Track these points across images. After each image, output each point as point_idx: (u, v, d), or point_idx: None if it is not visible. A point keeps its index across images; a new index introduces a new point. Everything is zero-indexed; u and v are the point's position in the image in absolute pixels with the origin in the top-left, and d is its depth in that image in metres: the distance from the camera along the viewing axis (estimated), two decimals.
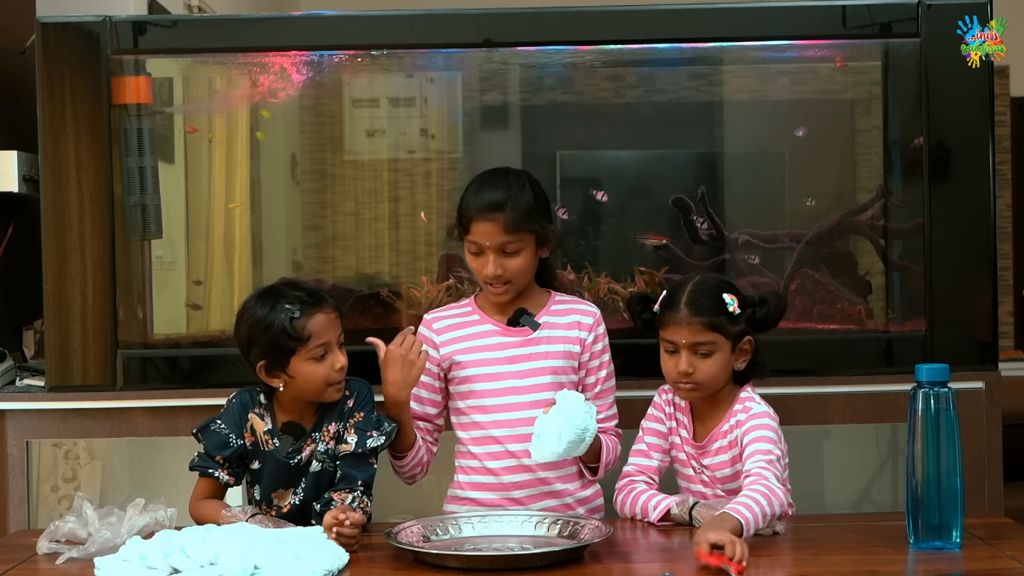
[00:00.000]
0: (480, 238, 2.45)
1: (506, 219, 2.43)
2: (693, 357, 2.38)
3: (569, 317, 2.55)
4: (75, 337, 2.95)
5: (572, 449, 2.32)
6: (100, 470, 3.23)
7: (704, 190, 3.17)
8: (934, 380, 2.14)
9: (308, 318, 2.40)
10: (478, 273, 2.50)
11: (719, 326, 2.38)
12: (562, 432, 2.29)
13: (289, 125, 3.65)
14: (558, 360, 2.51)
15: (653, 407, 2.53)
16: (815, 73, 3.36)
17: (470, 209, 2.46)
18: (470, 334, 2.55)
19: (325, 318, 2.42)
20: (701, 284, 2.43)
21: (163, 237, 3.16)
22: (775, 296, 2.46)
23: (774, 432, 2.36)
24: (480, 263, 2.48)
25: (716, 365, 2.39)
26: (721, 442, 2.41)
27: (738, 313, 2.40)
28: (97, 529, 2.21)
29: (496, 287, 2.49)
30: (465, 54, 3.23)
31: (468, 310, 2.58)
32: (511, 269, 2.46)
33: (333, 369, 2.42)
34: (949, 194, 2.93)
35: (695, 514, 2.29)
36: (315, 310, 2.42)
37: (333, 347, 2.43)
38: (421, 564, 2.08)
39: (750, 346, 2.43)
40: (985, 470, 2.88)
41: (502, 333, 2.53)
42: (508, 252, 2.45)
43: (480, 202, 2.45)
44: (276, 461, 2.45)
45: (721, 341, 2.39)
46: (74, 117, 2.95)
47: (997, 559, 2.07)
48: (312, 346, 2.40)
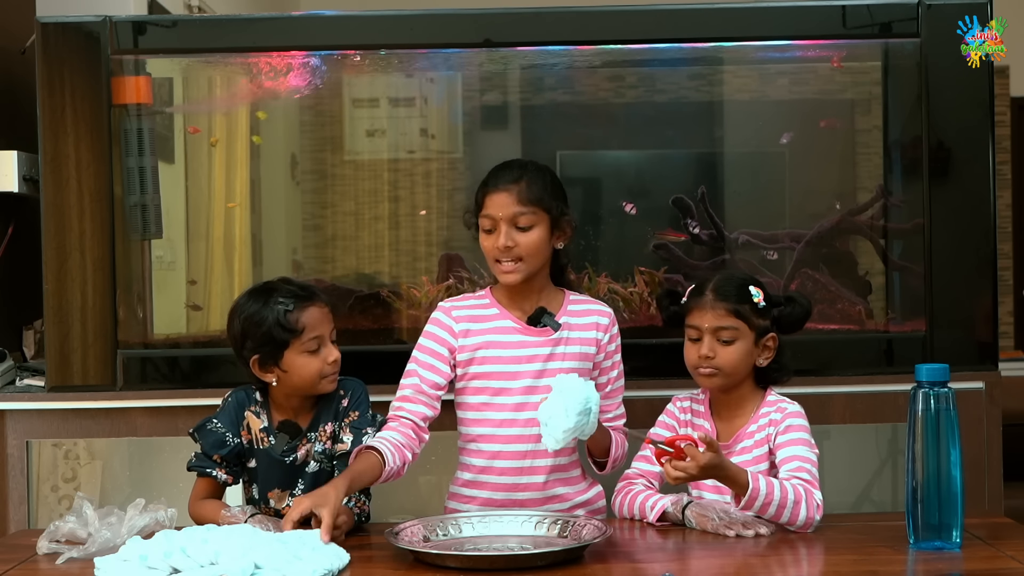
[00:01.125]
0: (493, 209, 2.45)
1: (520, 191, 2.44)
2: (715, 343, 2.40)
3: (588, 318, 2.54)
4: (75, 337, 2.95)
5: (582, 422, 2.28)
6: (100, 470, 3.23)
7: (704, 190, 3.17)
8: (934, 380, 2.13)
9: (301, 311, 2.42)
10: (489, 252, 2.47)
11: (742, 314, 2.40)
12: (568, 407, 2.26)
13: (289, 125, 3.65)
14: (575, 361, 2.50)
15: (665, 415, 2.54)
16: (815, 73, 3.36)
17: (486, 185, 2.48)
18: (489, 328, 2.51)
19: (318, 311, 2.45)
20: (728, 274, 2.49)
21: (163, 237, 3.16)
22: (802, 297, 2.49)
23: (809, 433, 2.38)
24: (492, 239, 2.46)
25: (737, 353, 2.40)
26: (747, 442, 2.41)
27: (763, 306, 2.42)
28: (97, 529, 2.21)
29: (506, 263, 2.45)
30: (465, 54, 3.23)
31: (486, 303, 2.55)
32: (523, 244, 2.44)
33: (326, 362, 2.43)
34: (949, 194, 2.93)
35: (688, 513, 2.30)
36: (308, 304, 2.44)
37: (326, 340, 2.44)
38: (421, 564, 2.08)
39: (774, 343, 2.45)
40: (985, 470, 2.88)
41: (523, 332, 2.51)
42: (521, 227, 2.44)
43: (496, 178, 2.47)
44: (271, 459, 2.45)
45: (744, 330, 2.40)
46: (74, 117, 2.95)
47: (997, 559, 2.07)
48: (306, 339, 2.41)
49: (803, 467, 2.31)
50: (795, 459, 2.32)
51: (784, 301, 2.47)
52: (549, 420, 2.29)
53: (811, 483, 2.29)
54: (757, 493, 2.21)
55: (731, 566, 2.10)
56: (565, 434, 2.28)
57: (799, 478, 2.29)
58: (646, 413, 2.63)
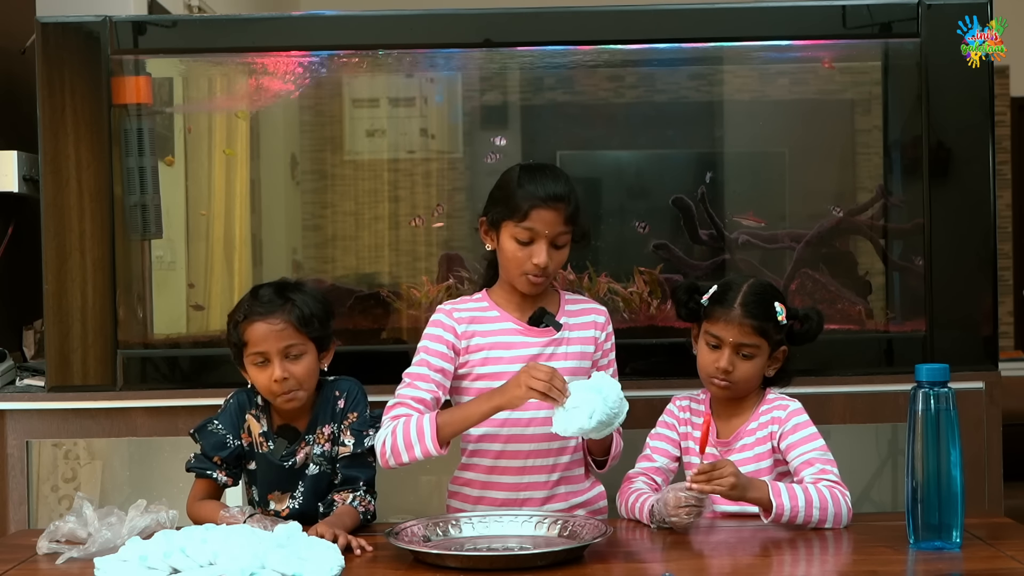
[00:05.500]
0: (540, 225, 2.39)
1: (566, 210, 2.41)
2: (735, 357, 2.40)
3: (585, 317, 2.54)
4: (75, 337, 2.95)
5: (597, 431, 2.27)
6: (100, 470, 3.23)
7: (704, 190, 3.17)
8: (934, 380, 2.14)
9: (248, 324, 2.40)
10: (520, 264, 2.42)
11: (766, 332, 2.41)
12: (595, 412, 2.23)
13: (289, 125, 3.65)
14: (574, 361, 2.50)
15: (666, 415, 2.55)
16: (815, 73, 3.36)
17: (532, 197, 2.40)
18: (490, 330, 2.50)
19: (265, 328, 2.39)
20: (757, 288, 2.45)
21: (163, 237, 3.16)
22: (816, 313, 2.49)
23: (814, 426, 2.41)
24: (527, 253, 2.41)
25: (754, 368, 2.41)
26: (747, 439, 2.43)
27: (784, 323, 2.43)
28: (97, 529, 2.21)
29: (538, 278, 2.43)
30: (465, 54, 3.23)
31: (485, 305, 2.53)
32: (555, 261, 2.43)
33: (271, 380, 2.39)
34: (949, 194, 2.93)
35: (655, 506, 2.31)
36: (259, 319, 2.40)
37: (273, 358, 2.39)
38: (421, 564, 2.08)
39: (783, 356, 2.47)
40: (985, 470, 2.88)
41: (524, 333, 2.50)
42: (558, 245, 2.43)
43: (545, 191, 2.40)
44: (270, 464, 2.45)
45: (764, 346, 2.41)
46: (74, 117, 2.95)
47: (997, 559, 2.07)
48: (249, 352, 2.41)
49: (826, 469, 2.33)
50: (816, 462, 2.34)
51: (801, 316, 2.47)
52: (572, 410, 2.24)
53: (839, 483, 2.31)
54: (782, 511, 2.23)
55: (731, 566, 2.10)
56: (576, 431, 2.26)
57: (827, 480, 2.31)
58: (646, 413, 2.63)
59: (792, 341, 2.47)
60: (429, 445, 2.33)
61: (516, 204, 2.41)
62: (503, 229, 2.43)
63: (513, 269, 2.45)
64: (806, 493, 2.26)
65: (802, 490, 2.27)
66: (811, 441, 2.37)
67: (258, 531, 2.09)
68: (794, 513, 2.24)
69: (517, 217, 2.40)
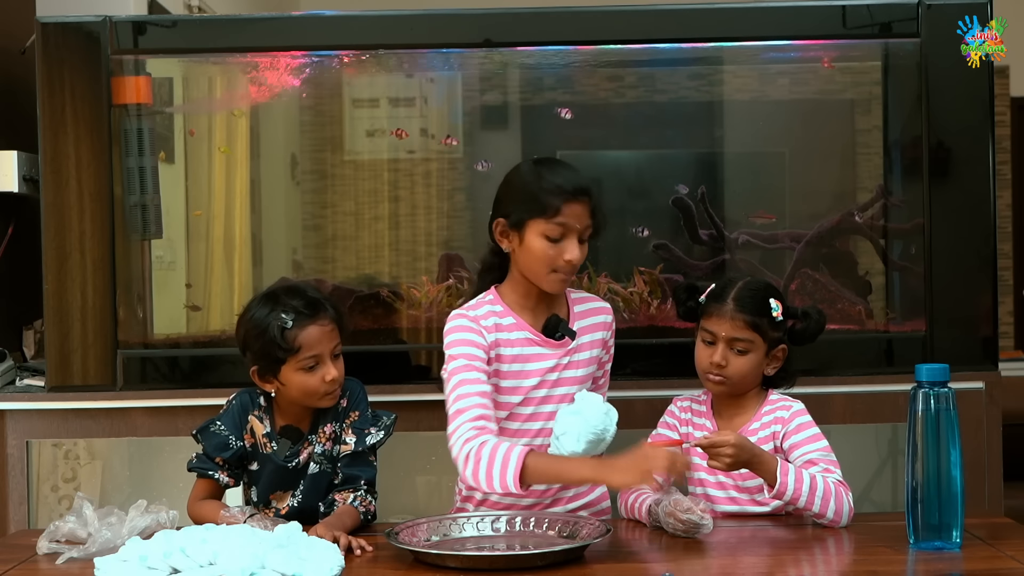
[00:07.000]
0: (572, 219, 2.33)
1: (592, 203, 2.36)
2: (729, 352, 2.41)
3: (594, 319, 2.51)
4: (75, 337, 2.95)
5: (591, 449, 2.32)
6: (100, 470, 3.23)
7: (704, 190, 3.17)
8: (934, 380, 2.13)
9: (300, 329, 2.37)
10: (551, 262, 2.34)
11: (759, 327, 2.41)
12: (580, 435, 2.31)
13: (289, 125, 3.65)
14: (584, 367, 2.48)
15: (667, 415, 2.55)
16: (815, 73, 3.36)
17: (561, 192, 2.32)
18: (510, 340, 2.42)
19: (319, 330, 2.39)
20: (751, 284, 2.46)
21: (163, 237, 3.16)
22: (817, 312, 2.49)
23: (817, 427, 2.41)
24: (559, 250, 2.33)
25: (748, 364, 2.41)
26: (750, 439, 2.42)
27: (780, 320, 2.43)
28: (97, 529, 2.21)
29: (563, 275, 2.37)
30: (465, 54, 3.23)
31: (500, 310, 2.44)
32: (579, 258, 2.37)
33: (323, 381, 2.38)
34: (949, 194, 2.93)
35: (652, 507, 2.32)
36: (309, 321, 2.38)
37: (325, 359, 2.39)
38: (421, 564, 2.08)
39: (783, 355, 2.47)
40: (985, 470, 2.88)
41: (540, 344, 2.43)
42: (583, 239, 2.37)
43: (572, 184, 2.34)
44: (274, 464, 2.45)
45: (758, 342, 2.41)
46: (74, 117, 2.95)
47: (997, 559, 2.06)
48: (302, 357, 2.37)
49: (829, 469, 2.33)
50: (819, 461, 2.34)
51: (800, 315, 2.47)
52: (561, 436, 2.32)
53: (842, 483, 2.31)
54: (785, 488, 2.25)
55: (731, 566, 2.10)
56: (571, 454, 2.32)
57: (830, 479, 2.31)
58: (646, 413, 2.63)
59: (793, 340, 2.47)
60: (510, 484, 2.22)
61: (545, 201, 2.33)
62: (529, 228, 2.35)
63: (541, 268, 2.36)
64: (812, 480, 2.27)
65: (809, 476, 2.27)
66: (815, 441, 2.38)
67: (258, 531, 2.09)
68: (796, 495, 2.25)
69: (549, 213, 2.32)
